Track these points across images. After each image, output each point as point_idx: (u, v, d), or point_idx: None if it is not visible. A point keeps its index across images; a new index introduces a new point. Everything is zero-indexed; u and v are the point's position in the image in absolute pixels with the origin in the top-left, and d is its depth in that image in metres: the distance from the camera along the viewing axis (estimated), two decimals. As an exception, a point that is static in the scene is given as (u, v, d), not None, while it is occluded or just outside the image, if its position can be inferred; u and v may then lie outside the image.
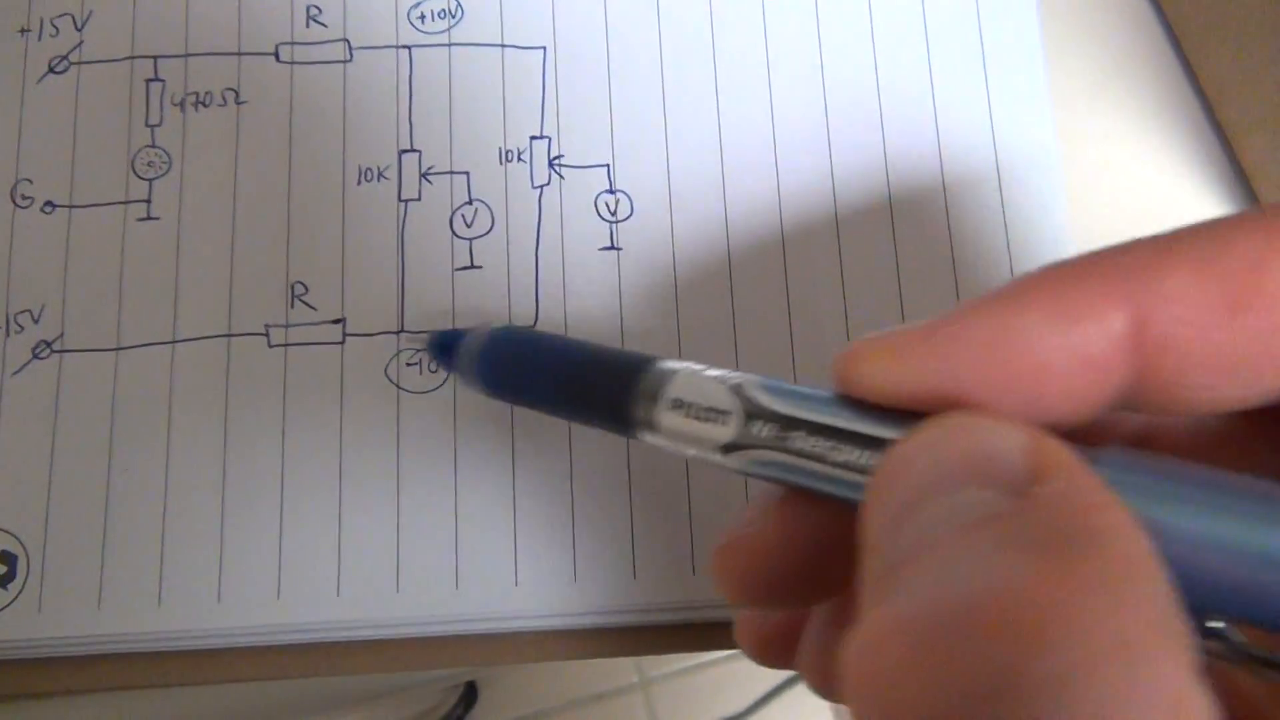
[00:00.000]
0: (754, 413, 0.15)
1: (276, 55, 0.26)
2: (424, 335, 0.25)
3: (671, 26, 0.27)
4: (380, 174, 0.26)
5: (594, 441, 0.24)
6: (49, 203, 0.26)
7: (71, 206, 0.26)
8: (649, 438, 0.17)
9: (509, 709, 0.93)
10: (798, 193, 0.26)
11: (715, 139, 0.26)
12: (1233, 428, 0.15)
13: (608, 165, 0.26)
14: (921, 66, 0.26)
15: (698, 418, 0.16)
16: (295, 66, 0.26)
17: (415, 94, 0.26)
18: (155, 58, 0.26)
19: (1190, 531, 0.12)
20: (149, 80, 0.26)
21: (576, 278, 0.25)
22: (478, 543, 0.24)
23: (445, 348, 0.23)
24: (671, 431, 0.17)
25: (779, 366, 0.25)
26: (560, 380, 0.19)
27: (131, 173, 0.26)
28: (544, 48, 0.26)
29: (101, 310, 0.25)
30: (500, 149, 0.26)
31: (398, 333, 0.25)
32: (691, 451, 0.16)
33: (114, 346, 0.25)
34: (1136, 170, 0.27)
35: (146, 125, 0.26)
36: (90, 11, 0.27)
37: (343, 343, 0.25)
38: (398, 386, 0.25)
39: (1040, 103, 0.26)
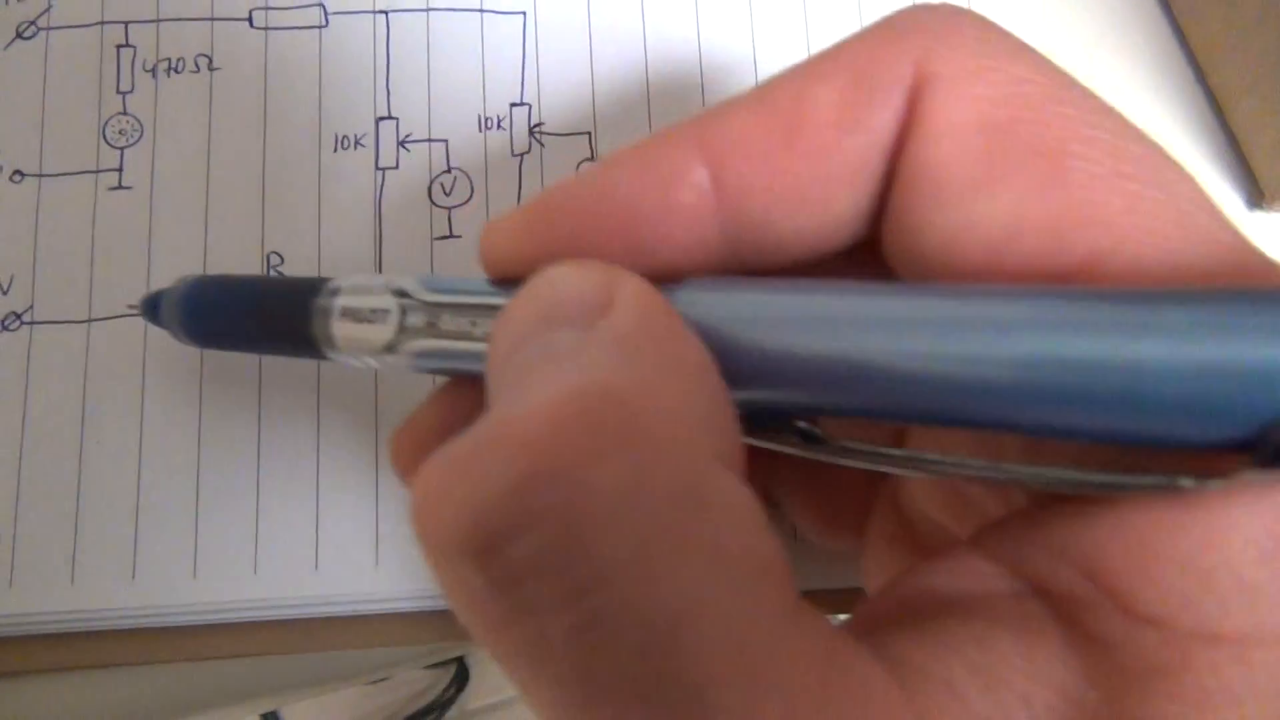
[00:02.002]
0: (408, 306, 0.17)
1: (250, 20, 0.26)
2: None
3: (654, -9, 0.26)
4: (357, 142, 0.25)
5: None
6: (18, 171, 0.25)
7: (41, 175, 0.25)
8: (333, 355, 0.18)
9: (501, 691, 0.93)
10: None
11: (699, 107, 0.25)
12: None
13: (589, 133, 0.25)
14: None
15: (365, 320, 0.17)
16: (270, 32, 0.26)
17: (392, 60, 0.26)
18: (126, 23, 0.26)
19: (752, 339, 0.13)
20: (120, 46, 0.26)
21: (558, 247, 0.25)
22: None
23: (152, 307, 0.22)
24: (347, 340, 0.17)
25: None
26: (248, 316, 0.20)
27: (103, 141, 0.25)
28: (524, 13, 0.26)
29: (72, 281, 0.24)
30: (480, 116, 0.25)
31: (375, 303, 0.24)
32: (369, 359, 0.17)
33: (85, 318, 0.24)
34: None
35: (118, 92, 0.25)
36: (59, -24, 0.26)
37: (319, 314, 0.24)
38: (376, 358, 0.24)
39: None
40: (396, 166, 0.25)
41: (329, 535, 0.23)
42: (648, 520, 0.11)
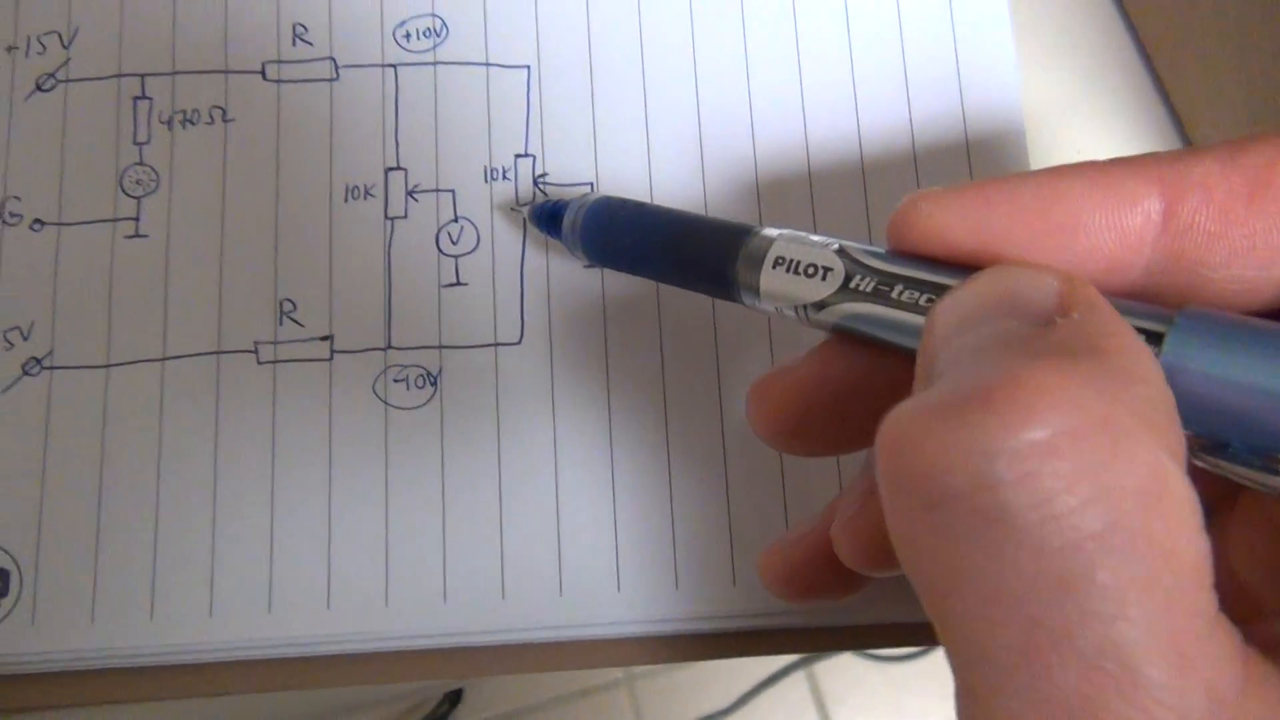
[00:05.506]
0: (853, 269, 0.17)
1: (263, 73, 0.27)
2: (525, 208, 0.26)
3: (654, 44, 0.27)
4: (367, 192, 0.26)
5: (582, 450, 0.25)
6: (37, 220, 0.26)
7: (60, 224, 0.26)
8: (747, 298, 0.19)
9: (494, 706, 0.94)
10: (779, 208, 0.26)
11: (697, 158, 0.26)
12: None
13: (591, 183, 0.26)
14: (899, 90, 0.27)
15: (799, 273, 0.18)
16: (282, 85, 0.27)
17: (401, 112, 0.27)
18: (142, 75, 0.27)
19: (1229, 373, 0.14)
20: (136, 98, 0.26)
21: (561, 294, 0.26)
22: (465, 558, 0.24)
23: (550, 218, 0.24)
24: (773, 290, 0.18)
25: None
26: (663, 248, 0.21)
27: (120, 190, 0.26)
28: (528, 66, 0.27)
29: (91, 327, 0.25)
30: (485, 167, 0.26)
31: (385, 349, 0.25)
32: (785, 309, 0.18)
33: (104, 364, 0.25)
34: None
35: (134, 143, 0.26)
36: (77, 29, 0.27)
37: (330, 359, 0.25)
38: (385, 403, 0.25)
39: (1013, 119, 0.27)
40: (405, 216, 0.26)
41: (341, 575, 0.24)
42: (1111, 506, 0.12)
